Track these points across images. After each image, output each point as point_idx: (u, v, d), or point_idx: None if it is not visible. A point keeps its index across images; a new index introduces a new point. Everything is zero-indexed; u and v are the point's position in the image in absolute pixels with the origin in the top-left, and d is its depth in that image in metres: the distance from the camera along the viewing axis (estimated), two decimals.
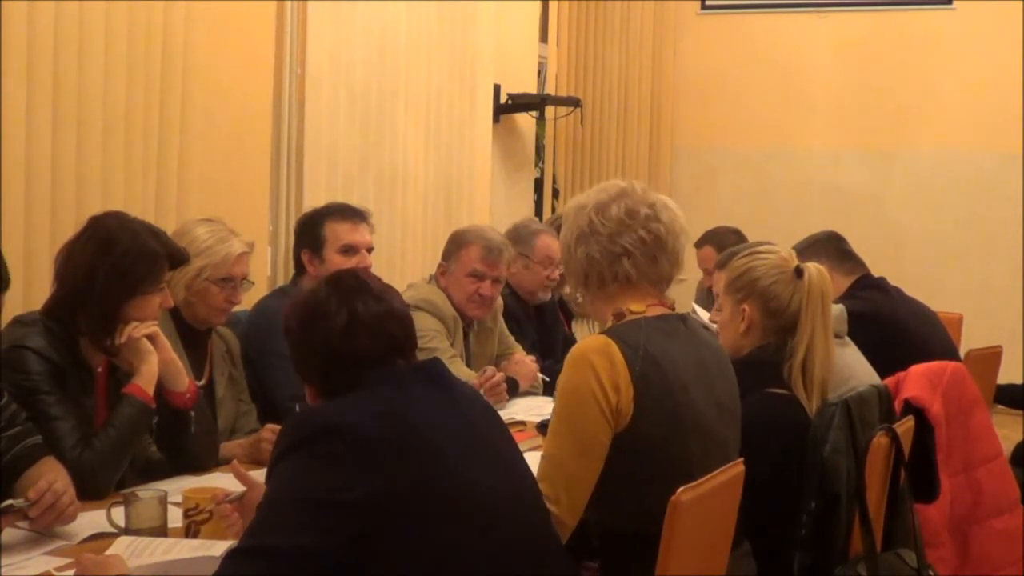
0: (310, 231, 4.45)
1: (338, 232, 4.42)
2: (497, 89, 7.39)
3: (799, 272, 3.34)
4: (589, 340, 2.83)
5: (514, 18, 7.58)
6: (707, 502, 2.60)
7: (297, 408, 3.91)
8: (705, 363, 2.92)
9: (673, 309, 2.98)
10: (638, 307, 2.90)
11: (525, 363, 5.05)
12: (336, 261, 4.31)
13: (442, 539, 2.29)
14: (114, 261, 3.36)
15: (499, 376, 4.62)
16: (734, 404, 2.99)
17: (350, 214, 4.49)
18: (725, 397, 2.95)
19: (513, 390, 4.82)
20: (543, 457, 2.81)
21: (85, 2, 4.51)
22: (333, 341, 2.45)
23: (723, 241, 6.21)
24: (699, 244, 6.44)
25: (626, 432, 2.73)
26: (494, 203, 7.32)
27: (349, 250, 4.40)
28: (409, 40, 6.40)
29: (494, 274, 4.90)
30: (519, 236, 5.40)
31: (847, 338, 3.92)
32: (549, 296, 5.55)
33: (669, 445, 2.77)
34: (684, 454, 2.77)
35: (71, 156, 4.51)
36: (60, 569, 2.59)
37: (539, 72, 8.11)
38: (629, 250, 2.90)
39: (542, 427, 4.21)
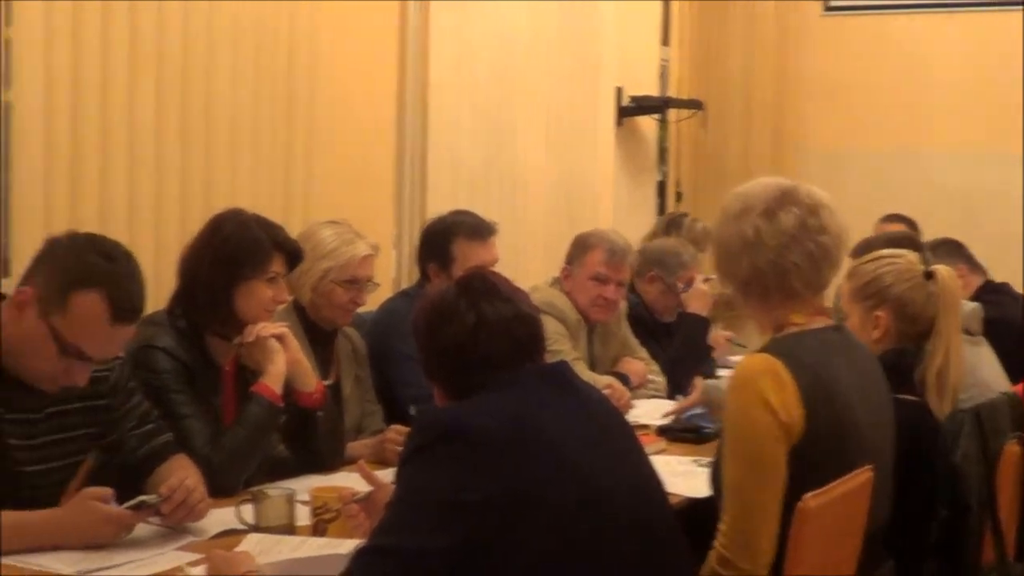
0: (438, 247, 4.41)
1: (467, 254, 4.35)
2: (619, 92, 7.39)
3: (929, 275, 3.29)
4: (754, 360, 2.71)
5: (636, 20, 7.57)
6: (834, 508, 2.57)
7: (412, 411, 3.96)
8: (863, 376, 2.83)
9: (830, 318, 2.90)
10: (800, 319, 2.80)
11: (633, 361, 5.08)
12: None
13: (565, 541, 2.28)
14: (217, 246, 3.43)
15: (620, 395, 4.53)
16: (889, 416, 2.91)
17: (479, 232, 4.44)
18: (881, 409, 2.87)
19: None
20: (725, 487, 2.69)
21: (214, 2, 4.58)
22: (461, 343, 2.46)
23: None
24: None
25: (794, 452, 2.63)
26: (617, 207, 7.31)
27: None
28: (531, 44, 6.42)
29: (618, 277, 4.89)
30: (665, 262, 5.37)
31: (980, 337, 3.85)
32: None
33: (834, 463, 2.66)
34: (848, 471, 2.68)
35: (199, 159, 4.59)
36: (191, 564, 2.62)
37: (661, 74, 8.09)
38: (799, 265, 2.78)
39: (664, 431, 4.21)
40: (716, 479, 2.76)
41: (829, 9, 8.91)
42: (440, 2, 5.82)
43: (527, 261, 6.31)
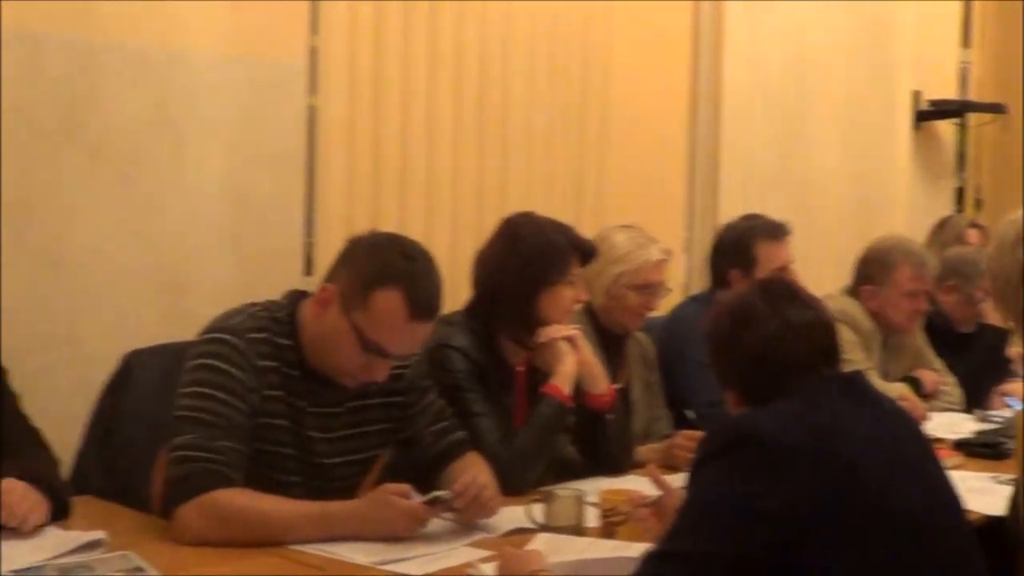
0: (740, 250, 4.42)
1: (770, 254, 4.38)
2: (916, 95, 7.20)
3: None
4: None
5: (934, 21, 7.36)
6: None
7: (689, 415, 3.95)
8: None
9: None
10: None
11: (928, 372, 4.98)
12: None
13: (858, 555, 2.23)
14: (519, 254, 3.47)
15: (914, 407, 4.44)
16: None
17: (778, 232, 4.46)
18: None
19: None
20: None
21: (511, 2, 4.66)
22: (764, 346, 2.43)
23: None
24: None
25: None
26: (912, 213, 7.12)
27: (781, 270, 4.37)
28: (826, 45, 6.32)
29: (927, 288, 4.83)
30: (964, 271, 5.23)
31: None
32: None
33: None
34: None
35: (495, 162, 4.68)
36: (482, 560, 2.66)
37: (961, 77, 7.85)
38: None
39: (961, 445, 4.09)
40: (1015, 510, 2.64)
41: None
42: (734, 1, 5.78)
43: (820, 267, 6.19)
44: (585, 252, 3.58)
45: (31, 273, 3.80)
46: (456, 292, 3.72)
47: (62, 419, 3.31)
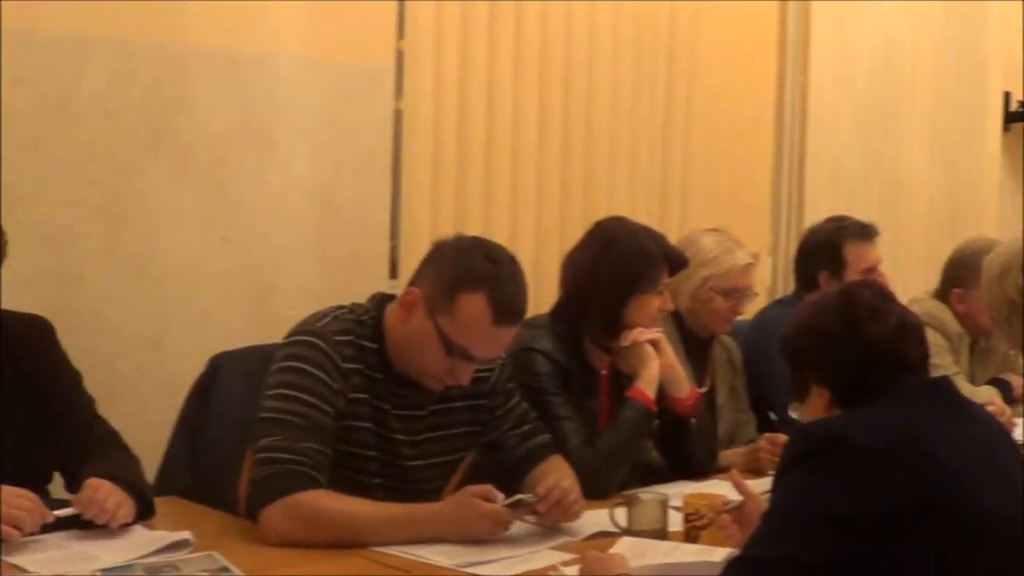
0: (829, 252, 4.41)
1: (860, 255, 4.39)
2: (1007, 96, 7.12)
3: None
4: None
5: None
6: None
7: (773, 416, 3.91)
8: None
9: None
10: None
11: (1016, 376, 4.88)
12: None
13: (946, 559, 2.20)
14: (612, 261, 3.44)
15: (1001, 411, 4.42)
16: None
17: (867, 232, 4.46)
18: None
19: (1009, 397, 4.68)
20: None
21: (598, 3, 4.66)
22: (884, 343, 2.39)
23: None
24: None
25: None
26: (1001, 215, 7.03)
27: (870, 271, 4.35)
28: (914, 45, 6.26)
29: None
30: None
31: None
32: None
33: None
34: None
35: (579, 165, 4.68)
36: (565, 564, 2.65)
37: None
38: None
39: None
40: None
41: None
42: (821, 1, 5.74)
43: (907, 270, 6.14)
44: (676, 262, 3.57)
45: (120, 276, 3.85)
46: (541, 295, 3.72)
47: (149, 420, 3.37)
